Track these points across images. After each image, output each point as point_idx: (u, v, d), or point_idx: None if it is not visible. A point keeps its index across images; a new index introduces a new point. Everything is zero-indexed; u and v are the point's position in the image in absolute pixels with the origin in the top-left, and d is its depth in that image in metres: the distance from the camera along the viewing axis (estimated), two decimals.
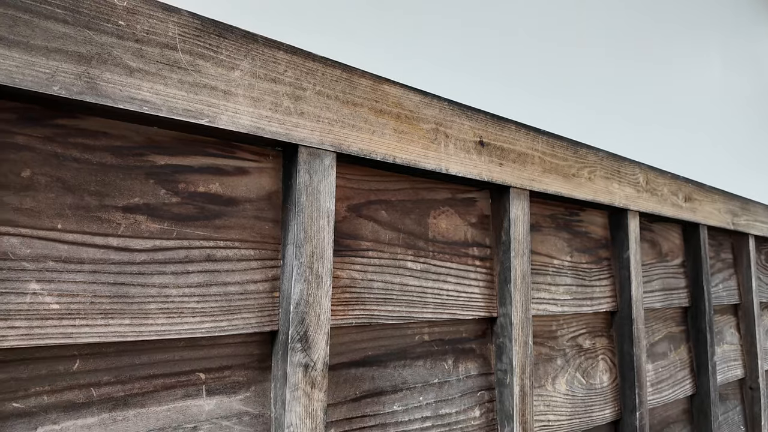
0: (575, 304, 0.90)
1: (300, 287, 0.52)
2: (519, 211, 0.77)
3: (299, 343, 0.52)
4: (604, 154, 0.94)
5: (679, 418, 1.14)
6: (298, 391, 0.51)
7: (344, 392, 0.59)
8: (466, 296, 0.73)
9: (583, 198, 0.87)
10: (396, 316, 0.64)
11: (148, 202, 0.47)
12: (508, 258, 0.75)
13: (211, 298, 0.49)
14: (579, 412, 0.87)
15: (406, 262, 0.66)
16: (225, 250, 0.51)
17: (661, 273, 1.13)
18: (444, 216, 0.72)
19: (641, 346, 0.97)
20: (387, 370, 0.64)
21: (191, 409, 0.48)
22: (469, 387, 0.72)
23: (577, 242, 0.93)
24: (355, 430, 0.59)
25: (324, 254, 0.54)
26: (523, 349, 0.74)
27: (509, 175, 0.75)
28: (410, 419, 0.64)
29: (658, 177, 1.08)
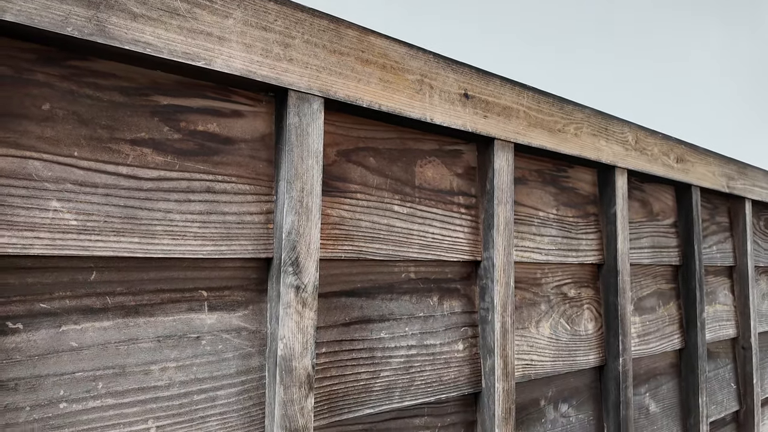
0: (560, 255, 0.94)
1: (291, 218, 0.58)
2: (503, 162, 0.81)
3: (291, 267, 0.57)
4: (591, 112, 0.97)
5: (666, 371, 1.19)
6: (290, 308, 0.57)
7: (335, 317, 0.65)
8: (451, 240, 0.78)
9: (569, 153, 0.91)
10: (383, 254, 0.70)
11: (153, 137, 0.53)
12: (492, 206, 0.80)
13: (211, 225, 0.55)
14: (562, 355, 0.92)
15: (393, 206, 0.72)
16: (223, 184, 0.56)
17: (651, 231, 1.17)
18: (430, 165, 0.77)
19: (626, 296, 1.01)
20: (375, 302, 0.69)
21: (194, 322, 0.55)
22: (453, 322, 0.77)
23: (564, 197, 0.97)
24: (344, 351, 0.65)
25: (313, 190, 0.60)
26: (505, 290, 0.79)
27: (494, 127, 0.79)
28: (396, 346, 0.70)
29: (648, 137, 1.10)
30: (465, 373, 0.77)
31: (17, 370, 0.45)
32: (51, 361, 0.46)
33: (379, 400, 0.68)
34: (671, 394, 1.18)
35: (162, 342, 0.52)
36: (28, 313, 0.46)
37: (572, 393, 0.96)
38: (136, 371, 0.51)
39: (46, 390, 0.46)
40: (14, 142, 0.45)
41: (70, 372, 0.47)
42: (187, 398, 0.53)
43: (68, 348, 0.47)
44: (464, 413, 0.78)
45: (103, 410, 0.49)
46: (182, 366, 0.53)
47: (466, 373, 0.78)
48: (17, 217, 0.45)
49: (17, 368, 0.45)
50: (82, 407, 0.48)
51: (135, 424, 0.50)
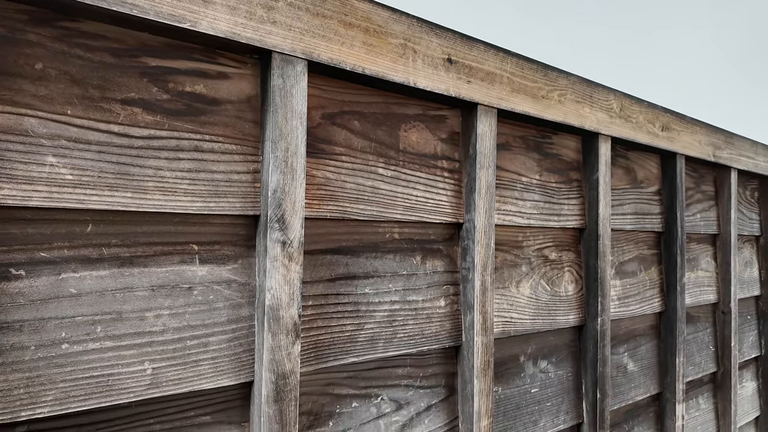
0: (542, 219, 0.98)
1: (276, 177, 0.61)
2: (486, 128, 0.84)
3: (277, 223, 0.61)
4: (575, 79, 0.99)
5: (646, 332, 1.24)
6: (276, 262, 0.61)
7: (321, 273, 0.69)
8: (435, 202, 0.81)
9: (553, 119, 0.94)
10: (368, 214, 0.73)
11: (143, 97, 0.55)
12: (474, 170, 0.83)
13: (200, 182, 0.58)
14: (542, 314, 0.97)
15: (377, 168, 0.74)
16: (210, 143, 0.59)
17: (634, 198, 1.20)
18: (415, 130, 0.80)
19: (606, 260, 1.05)
20: (360, 259, 0.73)
21: (186, 273, 0.58)
22: (435, 281, 0.81)
23: (547, 163, 1.00)
24: (330, 304, 0.69)
25: (297, 151, 0.62)
26: (485, 250, 0.83)
27: (477, 92, 0.81)
28: (380, 301, 0.74)
29: (634, 104, 1.12)
30: (446, 328, 0.82)
31: (21, 312, 0.49)
32: (52, 306, 0.50)
33: (364, 350, 0.72)
34: (650, 354, 1.24)
35: (156, 291, 0.56)
36: (29, 261, 0.49)
37: (552, 350, 1.01)
38: (132, 317, 0.54)
39: (49, 332, 0.50)
40: (10, 100, 0.48)
41: (71, 316, 0.51)
42: (181, 343, 0.57)
43: (68, 294, 0.51)
44: (445, 365, 0.83)
45: (102, 352, 0.52)
46: (175, 314, 0.57)
47: (448, 327, 0.82)
48: (16, 171, 0.48)
49: (21, 311, 0.49)
50: (83, 348, 0.51)
51: (132, 365, 0.54)
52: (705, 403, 1.43)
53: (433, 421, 0.81)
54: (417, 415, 0.79)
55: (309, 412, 0.68)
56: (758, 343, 1.66)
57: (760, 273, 1.69)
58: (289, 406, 0.61)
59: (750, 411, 1.61)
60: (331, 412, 0.70)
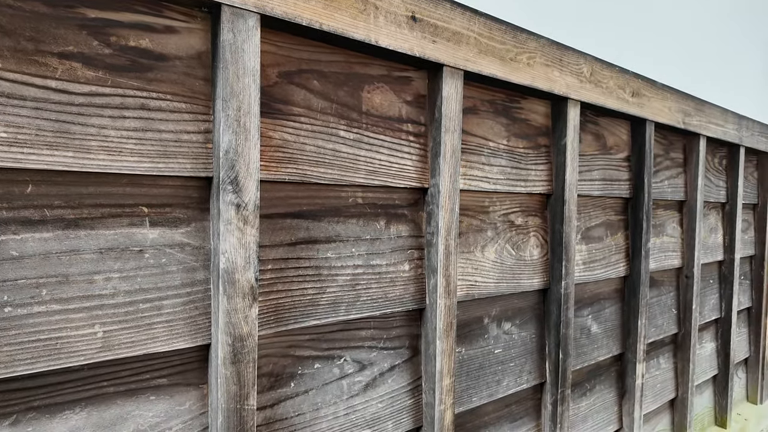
0: (509, 184, 0.98)
1: (228, 137, 0.59)
2: (452, 90, 0.82)
3: (230, 185, 0.59)
4: (545, 41, 0.97)
5: (610, 296, 1.27)
6: (231, 225, 0.59)
7: (280, 237, 0.68)
8: (399, 167, 0.80)
9: (520, 83, 0.92)
10: (329, 178, 0.72)
11: (82, 51, 0.52)
12: (439, 134, 0.82)
13: (147, 142, 0.56)
14: (506, 278, 0.98)
15: (339, 131, 0.73)
16: (158, 101, 0.57)
17: (603, 164, 1.21)
18: (378, 91, 0.78)
19: (572, 225, 1.06)
20: (321, 224, 0.72)
21: (137, 236, 0.57)
22: (399, 245, 0.81)
23: (515, 128, 1.00)
24: (290, 268, 0.69)
25: (251, 110, 0.60)
26: (450, 215, 0.83)
27: (443, 53, 0.80)
28: (342, 266, 0.74)
29: (604, 69, 1.12)
30: (410, 291, 0.82)
31: None
32: None
33: (326, 313, 0.72)
34: (613, 317, 1.27)
35: (104, 254, 0.55)
36: None
37: (516, 313, 1.03)
38: (79, 280, 0.53)
39: None
40: None
41: (12, 279, 0.50)
42: (133, 306, 0.56)
43: (9, 257, 0.49)
44: (409, 327, 0.84)
45: (48, 315, 0.51)
46: (126, 277, 0.56)
47: (411, 291, 0.83)
48: None
49: None
50: (27, 312, 0.50)
51: (81, 328, 0.53)
52: (665, 363, 1.49)
53: (397, 381, 0.82)
54: (380, 375, 0.80)
55: (270, 373, 0.68)
56: (719, 306, 1.72)
57: (724, 239, 1.74)
58: (247, 368, 0.61)
59: (708, 370, 1.69)
60: (292, 374, 0.70)
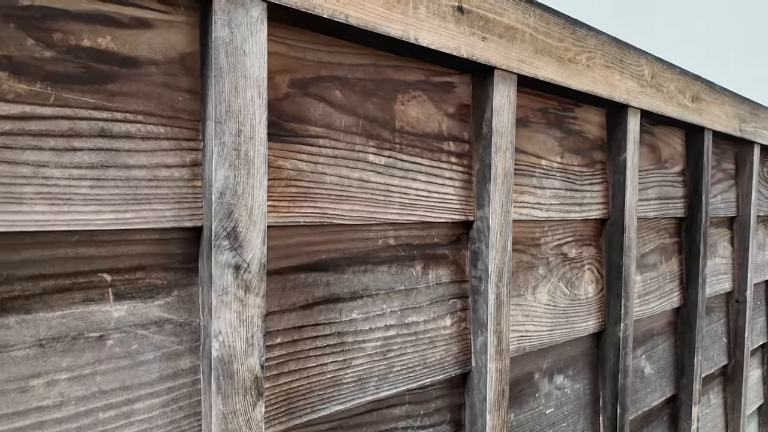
0: (563, 210, 0.81)
1: (224, 173, 0.42)
2: (504, 99, 0.66)
3: (226, 240, 0.43)
4: (606, 39, 0.81)
5: (663, 330, 1.11)
6: (227, 295, 0.43)
7: (293, 298, 0.52)
8: (439, 197, 0.63)
9: (579, 88, 0.76)
10: (354, 216, 0.55)
11: (10, 55, 0.35)
12: (489, 154, 0.65)
13: (108, 183, 0.39)
14: (560, 323, 0.82)
15: (367, 155, 0.56)
16: (125, 125, 0.40)
17: (659, 180, 1.05)
18: (415, 102, 0.61)
19: (631, 255, 0.90)
20: (345, 276, 0.56)
21: (94, 316, 0.40)
22: (439, 295, 0.65)
23: (569, 142, 0.83)
24: (306, 339, 0.52)
25: (255, 134, 0.44)
26: (501, 255, 0.66)
27: (494, 52, 0.63)
28: (371, 328, 0.58)
29: (665, 71, 0.95)
30: (452, 352, 0.66)
31: None
32: None
33: (351, 394, 0.56)
34: (666, 354, 1.12)
35: (46, 347, 0.38)
36: None
37: (568, 363, 0.86)
38: (8, 389, 0.37)
39: None
40: None
41: None
42: (89, 418, 0.40)
43: None
44: (451, 396, 0.68)
45: None
46: (79, 377, 0.39)
47: (454, 351, 0.66)
48: None
49: None
50: None
51: None
52: (715, 398, 1.33)
53: None
54: None
55: None
56: (766, 329, 1.57)
57: None
58: None
59: (755, 400, 1.54)
60: None
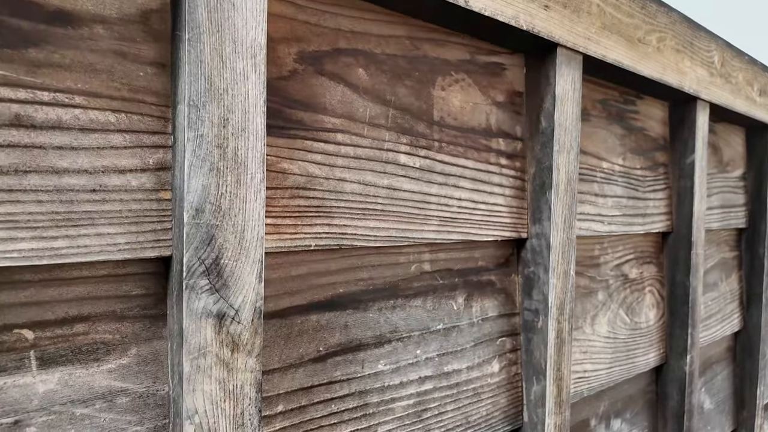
0: (625, 222, 0.68)
1: (202, 181, 0.29)
2: (568, 85, 0.52)
3: (204, 278, 0.29)
4: (677, 17, 0.67)
5: (722, 358, 0.97)
6: (206, 358, 0.30)
7: (300, 349, 0.38)
8: (486, 209, 0.50)
9: (650, 75, 0.62)
10: (383, 237, 0.42)
11: None
12: (549, 154, 0.51)
13: (27, 198, 0.26)
14: (620, 359, 0.68)
15: (399, 155, 0.43)
16: (54, 110, 0.27)
17: (721, 186, 0.91)
18: (458, 87, 0.48)
19: (698, 276, 0.76)
20: (368, 315, 0.42)
21: (8, 393, 0.27)
22: (485, 333, 0.51)
23: (631, 141, 0.69)
24: (317, 404, 0.39)
25: (248, 125, 0.30)
26: (563, 282, 0.53)
27: (558, 25, 0.49)
28: (402, 382, 0.44)
29: (734, 58, 0.81)
30: (501, 405, 0.52)
31: None
32: None
33: None
34: (725, 385, 0.97)
35: None
36: None
37: (626, 404, 0.73)
38: None
39: None
40: None
41: None
42: None
43: None
44: None
45: None
46: None
47: (503, 404, 0.53)
48: None
49: None
50: None
51: None
52: None
53: None
54: None
55: None
56: None
57: None
58: None
59: None
60: None
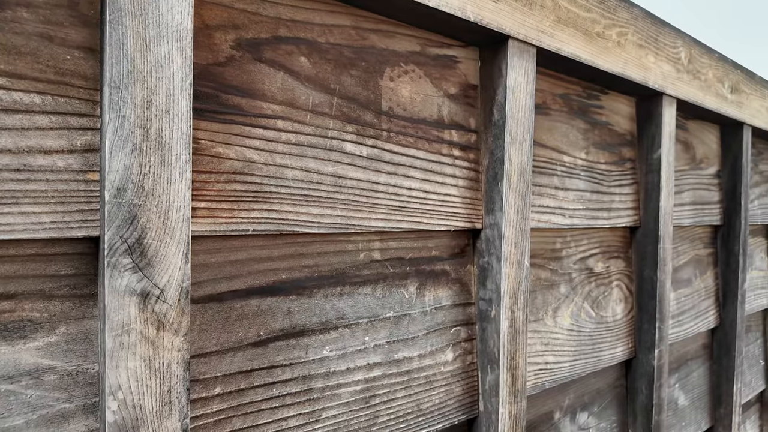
0: (588, 216, 0.68)
1: (124, 161, 0.30)
2: (520, 77, 0.53)
3: (127, 256, 0.30)
4: (639, 12, 0.68)
5: (697, 354, 0.97)
6: (130, 335, 0.30)
7: (240, 333, 0.39)
8: (438, 198, 0.50)
9: (609, 70, 0.63)
10: (326, 223, 0.42)
11: None
12: (501, 145, 0.52)
13: None
14: (585, 351, 0.69)
15: (344, 144, 0.44)
16: None
17: (694, 183, 0.91)
18: (407, 78, 0.48)
19: (666, 270, 0.76)
20: (313, 301, 0.43)
21: None
22: (438, 322, 0.52)
23: (595, 135, 0.70)
24: (257, 387, 0.39)
25: (173, 107, 0.31)
26: (516, 272, 0.53)
27: (508, 17, 0.50)
28: (349, 368, 0.44)
29: (703, 55, 0.82)
30: (455, 394, 0.53)
31: None
32: None
33: None
34: (701, 382, 0.98)
35: None
36: None
37: (593, 397, 0.73)
38: None
39: None
40: None
41: None
42: None
43: None
44: None
45: None
46: None
47: (457, 393, 0.53)
48: None
49: None
50: None
51: None
52: (752, 428, 1.19)
53: None
54: None
55: None
56: None
57: None
58: None
59: None
60: None
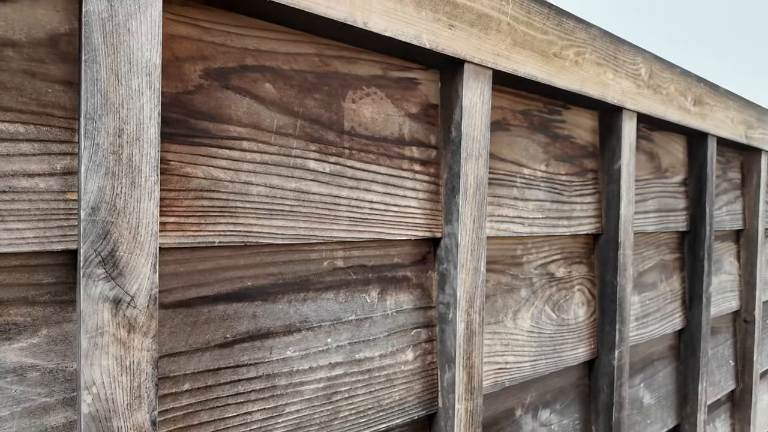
0: (548, 224, 0.72)
1: (98, 183, 0.34)
2: (476, 98, 0.57)
3: (101, 267, 0.34)
4: (597, 32, 0.72)
5: (664, 355, 1.01)
6: (104, 336, 0.34)
7: (207, 335, 0.43)
8: (399, 210, 0.54)
9: (567, 87, 0.67)
10: (290, 234, 0.46)
11: None
12: (458, 161, 0.56)
13: None
14: (546, 352, 0.73)
15: (308, 161, 0.48)
16: None
17: (658, 191, 0.95)
18: (369, 101, 0.52)
19: (627, 275, 0.81)
20: (277, 306, 0.47)
21: None
22: (399, 324, 0.56)
23: (556, 148, 0.74)
24: (224, 384, 0.43)
25: (143, 134, 0.35)
26: (472, 277, 0.57)
27: (464, 43, 0.54)
28: (312, 367, 0.48)
29: (665, 71, 0.86)
30: (415, 391, 0.57)
31: None
32: None
33: None
34: (667, 381, 1.02)
35: None
36: None
37: (556, 396, 0.77)
38: None
39: None
40: None
41: None
42: None
43: None
44: None
45: None
46: None
47: (417, 390, 0.57)
48: None
49: None
50: None
51: None
52: (722, 426, 1.23)
53: None
54: None
55: None
56: None
57: None
58: None
59: (765, 426, 1.43)
60: None
